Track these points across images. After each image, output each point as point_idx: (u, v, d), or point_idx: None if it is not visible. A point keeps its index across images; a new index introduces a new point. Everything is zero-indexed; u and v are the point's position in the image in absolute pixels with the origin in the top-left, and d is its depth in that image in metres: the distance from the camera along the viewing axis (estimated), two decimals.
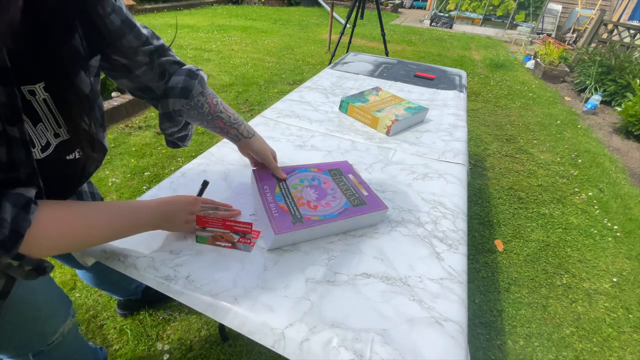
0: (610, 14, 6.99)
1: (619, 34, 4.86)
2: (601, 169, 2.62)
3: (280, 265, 0.62)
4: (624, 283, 1.64)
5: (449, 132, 1.19)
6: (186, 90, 0.65)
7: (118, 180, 1.99)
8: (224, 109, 0.72)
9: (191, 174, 0.84)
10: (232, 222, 0.61)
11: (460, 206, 0.83)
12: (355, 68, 1.80)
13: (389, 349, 0.50)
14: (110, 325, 1.25)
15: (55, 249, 0.48)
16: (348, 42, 3.75)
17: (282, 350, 0.52)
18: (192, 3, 7.62)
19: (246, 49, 4.80)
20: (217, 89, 3.36)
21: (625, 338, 1.39)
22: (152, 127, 2.58)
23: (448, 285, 0.62)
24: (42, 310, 0.71)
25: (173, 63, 0.65)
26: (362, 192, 0.75)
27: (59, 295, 0.79)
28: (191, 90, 0.65)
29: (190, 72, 0.66)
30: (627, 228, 2.00)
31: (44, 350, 0.76)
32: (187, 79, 0.65)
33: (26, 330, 0.69)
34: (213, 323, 1.27)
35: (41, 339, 0.74)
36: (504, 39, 7.28)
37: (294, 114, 1.22)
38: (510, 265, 1.68)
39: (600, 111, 3.74)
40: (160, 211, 0.59)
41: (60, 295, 0.79)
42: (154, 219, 0.58)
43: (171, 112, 0.66)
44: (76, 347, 0.89)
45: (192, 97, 0.66)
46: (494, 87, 4.21)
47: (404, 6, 10.67)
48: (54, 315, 0.76)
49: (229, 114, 0.72)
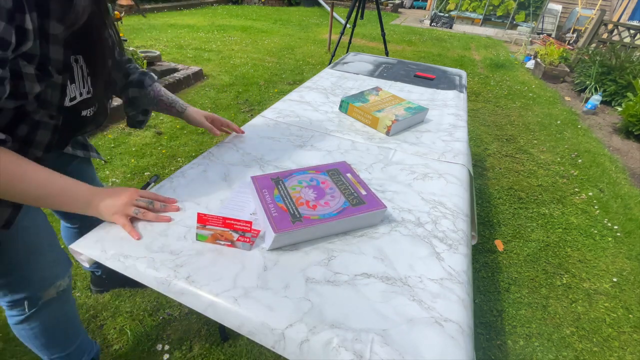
0: (610, 14, 6.99)
1: (619, 34, 4.86)
2: (601, 169, 2.62)
3: (280, 265, 0.62)
4: (624, 283, 1.64)
5: (449, 132, 1.19)
6: (140, 82, 0.89)
7: (118, 180, 1.99)
8: (164, 94, 0.94)
9: (191, 174, 0.84)
10: (231, 221, 0.61)
11: (460, 206, 0.83)
12: (355, 68, 1.80)
13: (389, 350, 0.50)
14: (110, 325, 1.25)
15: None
16: (348, 42, 3.75)
17: (282, 350, 0.52)
18: (192, 3, 7.62)
19: (246, 49, 4.80)
20: (217, 89, 3.36)
21: (625, 338, 1.39)
22: (152, 127, 2.58)
23: (448, 285, 0.62)
24: (45, 252, 0.79)
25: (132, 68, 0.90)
26: (360, 191, 0.75)
27: (62, 252, 0.86)
28: (143, 82, 0.89)
29: (143, 72, 0.91)
30: (627, 228, 2.00)
31: (39, 304, 0.81)
32: (141, 76, 0.90)
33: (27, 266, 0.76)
34: (213, 323, 1.27)
35: (39, 285, 0.80)
36: (504, 39, 7.29)
37: (294, 114, 1.22)
38: (510, 265, 1.68)
39: (601, 111, 3.74)
40: (93, 193, 0.64)
41: (63, 253, 0.86)
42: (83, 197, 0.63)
43: (131, 99, 0.90)
44: (68, 313, 0.94)
45: (144, 87, 0.89)
46: (494, 87, 4.21)
47: (404, 6, 10.67)
48: (54, 263, 0.83)
49: (167, 96, 0.94)
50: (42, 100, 0.59)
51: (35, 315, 0.83)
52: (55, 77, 0.58)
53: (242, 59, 4.31)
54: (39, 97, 0.58)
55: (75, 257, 0.64)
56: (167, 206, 0.71)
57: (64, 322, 0.92)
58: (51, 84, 0.58)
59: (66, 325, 0.94)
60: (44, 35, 0.53)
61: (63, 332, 0.94)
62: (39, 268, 0.78)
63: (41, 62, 0.55)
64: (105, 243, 0.63)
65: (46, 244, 0.79)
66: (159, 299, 1.34)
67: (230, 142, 1.00)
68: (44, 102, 0.59)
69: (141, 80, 0.89)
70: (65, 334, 0.95)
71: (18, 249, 0.73)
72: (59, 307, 0.88)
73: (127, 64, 0.90)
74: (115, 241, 0.63)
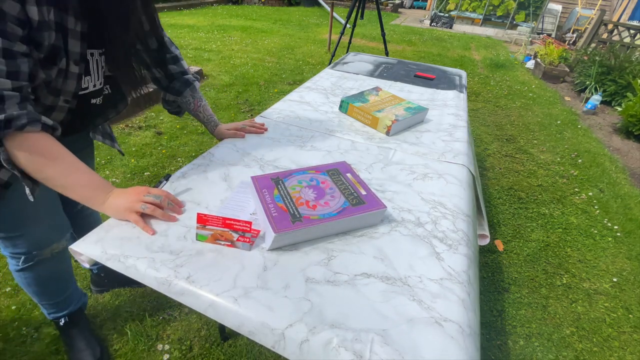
0: (610, 14, 6.99)
1: (619, 34, 4.86)
2: (601, 169, 2.62)
3: (280, 265, 0.62)
4: (624, 283, 1.64)
5: (449, 132, 1.19)
6: (178, 92, 0.97)
7: (118, 180, 1.99)
8: (203, 111, 1.02)
9: (191, 174, 0.84)
10: (231, 221, 0.61)
11: (460, 206, 0.83)
12: (355, 68, 1.80)
13: (389, 349, 0.50)
14: (110, 325, 1.25)
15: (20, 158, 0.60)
16: (348, 42, 3.75)
17: (282, 350, 0.52)
18: (192, 3, 7.62)
19: (246, 49, 4.80)
20: (217, 89, 3.36)
21: (625, 338, 1.39)
22: (152, 127, 2.58)
23: (448, 285, 0.62)
24: (41, 218, 0.86)
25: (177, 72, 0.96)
26: (360, 191, 0.75)
27: (61, 218, 0.93)
28: (182, 92, 0.97)
29: (187, 82, 0.97)
30: (627, 228, 2.00)
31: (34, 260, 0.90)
32: (183, 87, 0.96)
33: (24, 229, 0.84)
34: (213, 323, 1.27)
35: (34, 246, 0.88)
36: (504, 39, 7.28)
37: (294, 114, 1.22)
38: (510, 265, 1.68)
39: (600, 111, 3.74)
40: (111, 191, 0.68)
41: (62, 219, 0.94)
42: (103, 194, 0.67)
43: (167, 100, 1.01)
44: (61, 270, 1.02)
45: (183, 97, 0.98)
46: (494, 87, 4.21)
47: (404, 6, 10.67)
48: (50, 229, 0.90)
49: (205, 114, 1.03)
50: (52, 88, 0.65)
51: (29, 269, 0.93)
52: (72, 68, 0.65)
53: (242, 59, 4.31)
54: (49, 85, 0.64)
55: (75, 257, 0.64)
56: (174, 206, 0.72)
57: (55, 278, 1.02)
58: (68, 73, 0.65)
59: (57, 280, 1.03)
60: (61, 29, 0.60)
61: (54, 285, 1.03)
62: (35, 232, 0.86)
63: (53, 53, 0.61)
64: (106, 243, 0.63)
65: (43, 210, 0.85)
66: (159, 299, 1.34)
67: (230, 142, 1.01)
68: (55, 90, 0.66)
69: (180, 91, 0.96)
70: (56, 286, 1.04)
71: (15, 212, 0.80)
72: (53, 265, 0.97)
73: (172, 63, 0.94)
74: (116, 241, 0.63)
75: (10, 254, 0.89)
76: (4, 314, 1.24)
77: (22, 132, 0.59)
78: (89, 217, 1.16)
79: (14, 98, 0.57)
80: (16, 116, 0.57)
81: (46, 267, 0.95)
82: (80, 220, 1.12)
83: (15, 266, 0.92)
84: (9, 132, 0.57)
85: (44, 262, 0.93)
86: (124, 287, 1.38)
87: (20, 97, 0.58)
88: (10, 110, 0.56)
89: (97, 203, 0.67)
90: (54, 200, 0.90)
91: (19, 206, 0.79)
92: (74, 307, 1.12)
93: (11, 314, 1.24)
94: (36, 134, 0.61)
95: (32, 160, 0.61)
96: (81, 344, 1.11)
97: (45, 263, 0.93)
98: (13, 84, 0.57)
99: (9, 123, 0.56)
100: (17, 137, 0.59)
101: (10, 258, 0.91)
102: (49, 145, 0.63)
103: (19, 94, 0.58)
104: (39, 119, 0.61)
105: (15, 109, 0.57)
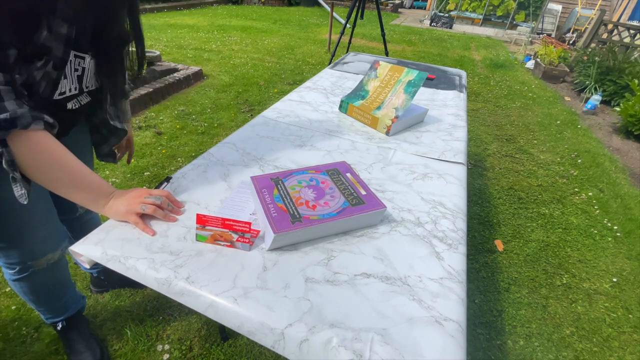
0: (610, 14, 6.99)
1: (619, 34, 4.86)
2: (601, 169, 2.62)
3: (280, 265, 0.62)
4: (624, 283, 1.64)
5: (449, 132, 1.19)
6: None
7: (118, 180, 1.99)
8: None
9: (191, 174, 0.84)
10: (230, 222, 0.61)
11: (460, 206, 0.83)
12: (355, 68, 1.80)
13: (389, 349, 0.50)
14: (110, 326, 1.25)
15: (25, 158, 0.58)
16: (348, 42, 3.75)
17: (282, 350, 0.52)
18: (192, 3, 7.62)
19: (246, 49, 4.80)
20: (217, 89, 3.36)
21: (625, 338, 1.39)
22: (152, 127, 2.58)
23: (448, 284, 0.62)
24: (36, 228, 0.83)
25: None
26: (360, 191, 0.75)
27: (57, 227, 0.91)
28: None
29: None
30: (627, 228, 2.00)
31: (29, 271, 0.88)
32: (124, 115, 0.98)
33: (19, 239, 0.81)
34: (213, 323, 1.27)
35: (29, 256, 0.86)
36: (504, 39, 7.28)
37: (293, 114, 1.22)
38: (510, 265, 1.68)
39: (600, 111, 3.74)
40: (112, 193, 0.68)
41: (58, 228, 0.91)
42: (105, 197, 0.67)
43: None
44: (57, 278, 1.00)
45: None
46: (494, 87, 4.21)
47: (404, 6, 10.67)
48: (45, 239, 0.87)
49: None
50: (34, 92, 0.61)
51: (25, 279, 0.91)
52: (51, 73, 0.61)
53: (242, 59, 4.31)
54: (31, 89, 0.60)
55: (75, 258, 0.64)
56: (174, 208, 0.71)
57: (52, 286, 1.01)
58: (46, 76, 0.61)
59: (54, 288, 1.02)
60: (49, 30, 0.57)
61: (51, 293, 1.02)
62: (30, 242, 0.84)
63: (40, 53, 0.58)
64: (106, 244, 0.63)
65: (38, 220, 0.83)
66: (159, 299, 1.34)
67: (230, 142, 1.01)
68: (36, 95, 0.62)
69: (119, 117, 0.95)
70: (53, 294, 1.03)
71: (10, 222, 0.78)
72: (49, 275, 0.95)
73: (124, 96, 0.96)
74: (116, 242, 0.63)
75: (4, 263, 0.87)
76: (4, 314, 1.24)
77: (27, 131, 0.56)
78: (89, 222, 1.15)
79: (9, 93, 0.54)
80: (20, 114, 0.54)
81: (42, 277, 0.93)
82: (80, 226, 1.11)
83: (10, 276, 0.90)
84: (14, 131, 0.55)
85: (39, 272, 0.90)
86: (124, 287, 1.38)
87: (14, 92, 0.55)
88: (12, 107, 0.53)
89: (99, 206, 0.66)
90: (49, 208, 0.87)
91: (10, 215, 0.77)
92: (71, 311, 1.11)
93: (11, 314, 1.24)
94: (39, 132, 0.58)
95: (36, 160, 0.59)
96: (80, 346, 1.11)
97: (41, 273, 0.91)
98: (4, 76, 0.53)
99: (14, 122, 0.54)
100: (21, 136, 0.56)
101: (5, 268, 0.89)
102: (53, 145, 0.60)
103: (11, 88, 0.54)
104: (42, 116, 0.58)
105: (15, 105, 0.54)
